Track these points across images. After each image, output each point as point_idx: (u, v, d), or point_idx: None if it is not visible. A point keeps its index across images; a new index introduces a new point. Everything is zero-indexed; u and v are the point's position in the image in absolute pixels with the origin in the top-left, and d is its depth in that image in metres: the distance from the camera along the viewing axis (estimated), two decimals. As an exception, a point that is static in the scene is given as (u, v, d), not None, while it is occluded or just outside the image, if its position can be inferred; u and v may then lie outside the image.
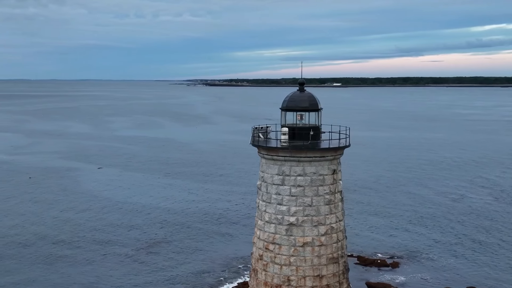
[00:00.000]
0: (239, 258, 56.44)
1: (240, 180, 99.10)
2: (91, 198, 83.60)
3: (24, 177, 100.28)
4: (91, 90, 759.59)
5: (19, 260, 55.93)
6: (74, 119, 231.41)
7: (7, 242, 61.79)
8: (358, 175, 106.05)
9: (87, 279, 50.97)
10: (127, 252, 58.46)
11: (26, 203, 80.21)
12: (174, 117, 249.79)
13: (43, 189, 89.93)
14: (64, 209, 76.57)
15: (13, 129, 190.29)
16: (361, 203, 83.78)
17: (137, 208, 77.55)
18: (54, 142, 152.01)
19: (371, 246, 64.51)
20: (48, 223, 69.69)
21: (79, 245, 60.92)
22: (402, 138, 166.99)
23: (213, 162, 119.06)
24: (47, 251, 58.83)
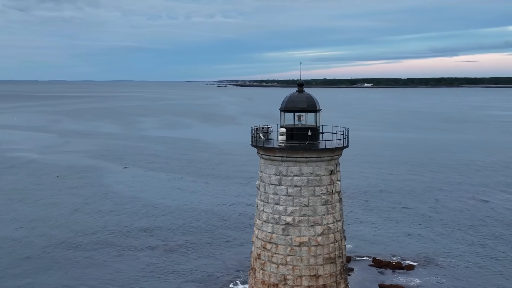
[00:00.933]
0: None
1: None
2: (112, 197, 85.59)
3: (52, 175, 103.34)
4: (124, 91, 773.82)
5: (39, 258, 57.94)
6: (104, 119, 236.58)
7: (28, 239, 64.08)
8: (378, 176, 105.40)
9: (100, 278, 52.42)
10: (145, 252, 59.71)
11: (50, 200, 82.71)
12: (201, 118, 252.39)
13: (68, 187, 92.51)
14: (84, 208, 78.65)
15: (47, 128, 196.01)
16: (379, 205, 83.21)
17: (157, 207, 78.97)
18: (83, 142, 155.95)
19: (387, 248, 64.05)
20: (68, 221, 71.71)
21: (95, 243, 62.65)
22: (427, 140, 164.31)
23: (237, 163, 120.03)
24: (63, 249, 60.76)
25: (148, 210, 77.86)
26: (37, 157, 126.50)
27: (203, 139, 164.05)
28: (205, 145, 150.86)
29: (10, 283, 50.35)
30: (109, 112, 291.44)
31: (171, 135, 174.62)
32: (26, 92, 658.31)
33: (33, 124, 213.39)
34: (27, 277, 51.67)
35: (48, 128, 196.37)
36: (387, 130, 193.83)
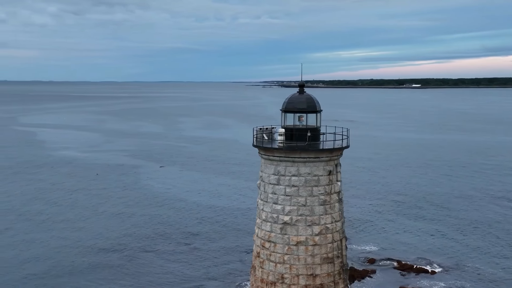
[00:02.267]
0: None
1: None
2: (144, 194, 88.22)
3: (92, 173, 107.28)
4: (170, 91, 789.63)
5: (71, 253, 60.68)
6: (147, 119, 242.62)
7: (65, 236, 67.13)
8: (408, 178, 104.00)
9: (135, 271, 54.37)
10: (169, 247, 61.42)
11: (87, 197, 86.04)
12: (242, 118, 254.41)
13: (105, 185, 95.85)
14: (118, 205, 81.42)
15: (92, 128, 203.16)
16: (407, 207, 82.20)
17: (187, 205, 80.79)
18: (125, 141, 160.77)
19: (411, 251, 63.17)
20: (100, 218, 74.53)
21: (125, 238, 64.95)
22: (467, 141, 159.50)
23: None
24: (93, 246, 63.35)
25: (177, 208, 79.79)
26: (80, 155, 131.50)
27: (240, 140, 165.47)
28: (241, 146, 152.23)
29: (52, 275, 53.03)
30: (153, 112, 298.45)
31: (209, 135, 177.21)
32: (77, 93, 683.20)
33: (79, 123, 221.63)
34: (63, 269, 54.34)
35: (93, 128, 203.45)
36: (427, 132, 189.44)
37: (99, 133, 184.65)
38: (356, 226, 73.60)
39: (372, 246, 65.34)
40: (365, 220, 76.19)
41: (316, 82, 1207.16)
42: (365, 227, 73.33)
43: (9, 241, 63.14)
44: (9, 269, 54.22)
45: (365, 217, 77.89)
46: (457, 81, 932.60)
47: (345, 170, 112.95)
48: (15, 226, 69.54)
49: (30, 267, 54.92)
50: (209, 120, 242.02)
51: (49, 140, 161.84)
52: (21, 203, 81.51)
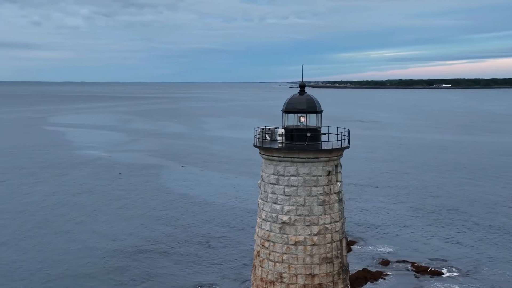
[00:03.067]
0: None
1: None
2: (165, 194, 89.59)
3: (115, 172, 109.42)
4: (197, 92, 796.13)
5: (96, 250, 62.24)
6: (173, 120, 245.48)
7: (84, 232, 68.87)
8: (427, 180, 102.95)
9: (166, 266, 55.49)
10: (188, 247, 62.46)
11: (107, 196, 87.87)
12: (266, 119, 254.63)
13: (127, 184, 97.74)
14: (136, 204, 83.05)
15: (118, 128, 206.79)
16: (424, 209, 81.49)
17: (206, 205, 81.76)
18: (149, 141, 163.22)
19: (427, 253, 62.55)
20: (116, 216, 76.16)
21: (144, 234, 66.27)
22: (493, 143, 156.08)
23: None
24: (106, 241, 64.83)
25: (194, 207, 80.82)
26: (104, 155, 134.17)
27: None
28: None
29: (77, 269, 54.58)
30: (179, 112, 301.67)
31: (232, 135, 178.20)
32: (106, 93, 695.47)
33: (106, 123, 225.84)
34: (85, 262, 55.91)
35: (119, 128, 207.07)
36: (452, 133, 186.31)
37: (124, 133, 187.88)
38: (372, 227, 73.17)
39: (388, 248, 64.92)
40: (381, 222, 75.69)
41: (343, 82, 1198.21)
42: (381, 228, 72.84)
43: (30, 239, 65.09)
44: (28, 268, 55.98)
45: (381, 218, 77.36)
46: (489, 81, 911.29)
47: (363, 170, 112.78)
48: (36, 222, 71.66)
49: (48, 267, 56.56)
50: (233, 121, 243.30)
51: (76, 140, 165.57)
52: (43, 201, 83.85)
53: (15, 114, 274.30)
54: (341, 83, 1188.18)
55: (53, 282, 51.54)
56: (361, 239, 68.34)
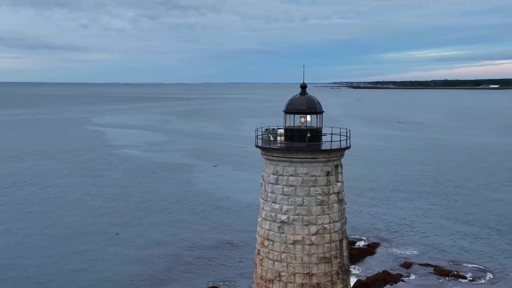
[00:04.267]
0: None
1: (353, 184, 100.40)
2: (193, 192, 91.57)
3: (149, 171, 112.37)
4: (237, 93, 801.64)
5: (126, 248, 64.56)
6: (211, 120, 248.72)
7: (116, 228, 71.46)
8: (454, 181, 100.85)
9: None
10: (214, 246, 63.98)
11: (138, 194, 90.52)
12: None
13: (158, 183, 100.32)
14: (164, 202, 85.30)
15: (157, 128, 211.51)
16: (453, 211, 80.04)
17: (235, 205, 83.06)
18: (185, 141, 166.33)
19: (451, 256, 61.52)
20: (144, 214, 78.48)
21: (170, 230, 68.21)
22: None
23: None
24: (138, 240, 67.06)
25: (222, 207, 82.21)
26: (140, 154, 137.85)
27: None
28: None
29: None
30: (217, 113, 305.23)
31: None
32: (149, 94, 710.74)
33: (146, 123, 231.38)
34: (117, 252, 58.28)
35: (158, 128, 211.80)
36: (493, 135, 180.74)
37: (162, 132, 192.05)
38: (397, 229, 72.44)
39: (412, 250, 64.22)
40: (407, 224, 74.80)
41: (386, 83, 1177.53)
42: (406, 230, 72.02)
43: (61, 234, 68.08)
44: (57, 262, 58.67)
45: (408, 220, 76.44)
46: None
47: (394, 172, 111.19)
48: (67, 218, 74.88)
49: (77, 260, 59.14)
50: (270, 122, 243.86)
51: (115, 139, 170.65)
52: (77, 198, 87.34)
53: (62, 114, 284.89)
54: (383, 84, 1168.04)
55: (79, 273, 53.90)
56: (385, 241, 67.82)
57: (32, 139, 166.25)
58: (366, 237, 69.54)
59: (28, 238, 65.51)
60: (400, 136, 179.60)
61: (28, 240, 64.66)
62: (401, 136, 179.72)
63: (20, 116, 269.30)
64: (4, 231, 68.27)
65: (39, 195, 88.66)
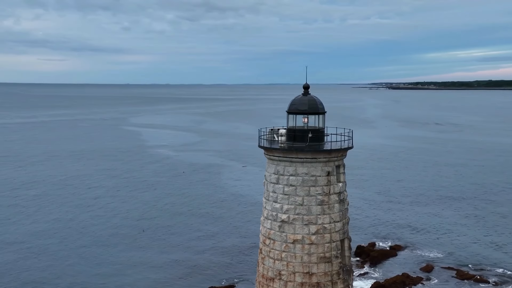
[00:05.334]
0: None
1: (380, 185, 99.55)
2: (218, 192, 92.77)
3: (179, 171, 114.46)
4: (274, 94, 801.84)
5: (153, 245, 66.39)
6: (244, 121, 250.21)
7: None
8: (479, 183, 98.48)
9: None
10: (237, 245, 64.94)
11: (166, 193, 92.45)
12: (336, 120, 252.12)
13: (186, 182, 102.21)
14: (189, 200, 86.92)
15: (191, 128, 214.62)
16: (479, 214, 78.10)
17: (255, 204, 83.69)
18: (217, 141, 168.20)
19: (473, 259, 60.30)
20: (172, 212, 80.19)
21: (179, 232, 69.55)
22: None
23: (354, 166, 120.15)
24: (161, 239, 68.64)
25: (246, 204, 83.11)
26: (172, 154, 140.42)
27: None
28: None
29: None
30: (252, 114, 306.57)
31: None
32: (187, 95, 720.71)
33: (181, 124, 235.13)
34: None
35: (191, 128, 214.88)
36: None
37: (196, 133, 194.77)
38: (421, 231, 71.45)
39: (435, 253, 63.24)
40: (432, 226, 73.66)
41: (427, 83, 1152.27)
42: (431, 233, 70.96)
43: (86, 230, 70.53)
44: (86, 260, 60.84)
45: (434, 223, 75.23)
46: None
47: (425, 173, 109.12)
48: (94, 215, 77.41)
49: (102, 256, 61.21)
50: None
51: (149, 139, 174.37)
52: (106, 195, 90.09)
53: (101, 115, 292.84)
54: (423, 84, 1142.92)
55: (105, 267, 55.77)
56: (409, 243, 66.99)
57: (69, 139, 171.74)
58: (390, 239, 68.94)
59: (59, 234, 68.18)
60: (435, 138, 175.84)
61: (59, 236, 67.30)
62: (436, 138, 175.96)
63: (62, 116, 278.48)
64: (39, 228, 71.22)
65: (71, 193, 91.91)
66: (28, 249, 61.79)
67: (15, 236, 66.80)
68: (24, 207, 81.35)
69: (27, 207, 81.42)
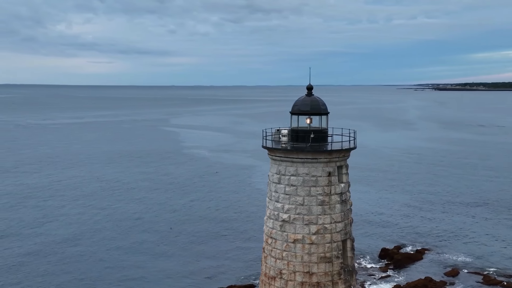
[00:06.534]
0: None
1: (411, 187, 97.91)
2: (248, 192, 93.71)
3: (212, 171, 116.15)
4: (317, 95, 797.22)
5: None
6: (282, 122, 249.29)
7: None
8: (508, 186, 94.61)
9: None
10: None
11: (198, 193, 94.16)
12: (374, 122, 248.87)
13: (219, 182, 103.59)
14: (221, 201, 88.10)
15: (228, 129, 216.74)
16: (509, 219, 75.39)
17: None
18: (252, 142, 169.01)
19: (502, 264, 58.52)
20: (202, 211, 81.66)
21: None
22: None
23: (392, 168, 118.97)
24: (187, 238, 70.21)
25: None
26: (207, 154, 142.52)
27: (363, 143, 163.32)
28: (363, 149, 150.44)
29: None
30: (288, 115, 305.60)
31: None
32: (229, 97, 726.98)
33: (219, 125, 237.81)
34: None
35: (229, 129, 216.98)
36: None
37: (232, 134, 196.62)
38: (449, 235, 69.95)
39: (461, 257, 61.84)
40: (463, 230, 71.96)
41: (475, 84, 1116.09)
42: (459, 236, 69.36)
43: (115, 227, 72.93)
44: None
45: (464, 227, 73.45)
46: None
47: (458, 176, 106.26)
48: (128, 210, 79.91)
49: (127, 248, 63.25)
50: (341, 124, 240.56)
51: (186, 140, 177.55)
52: (138, 193, 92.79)
53: (144, 116, 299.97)
54: (472, 85, 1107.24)
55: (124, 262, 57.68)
56: (435, 247, 65.80)
57: (109, 140, 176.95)
58: (418, 242, 67.84)
59: (91, 228, 70.91)
60: (475, 141, 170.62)
61: (91, 231, 70.00)
62: (477, 141, 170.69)
63: (105, 117, 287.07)
64: (76, 224, 74.27)
65: (106, 190, 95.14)
66: (73, 247, 64.64)
67: (54, 237, 69.73)
68: (62, 207, 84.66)
69: (65, 207, 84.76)
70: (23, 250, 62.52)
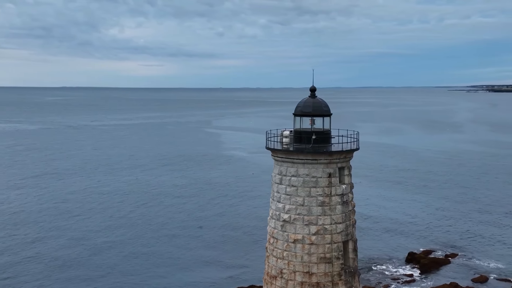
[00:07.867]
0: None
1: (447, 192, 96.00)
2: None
3: (249, 172, 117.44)
4: (364, 97, 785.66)
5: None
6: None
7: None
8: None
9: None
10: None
11: (231, 193, 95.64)
12: (421, 125, 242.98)
13: (254, 183, 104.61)
14: (255, 202, 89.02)
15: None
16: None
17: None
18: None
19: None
20: (233, 212, 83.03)
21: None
22: None
23: (425, 170, 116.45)
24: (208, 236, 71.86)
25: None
26: (246, 155, 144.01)
27: (410, 146, 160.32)
28: (408, 152, 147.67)
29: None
30: (334, 117, 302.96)
31: (379, 141, 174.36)
32: (274, 99, 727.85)
33: (260, 127, 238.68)
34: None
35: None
36: None
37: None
38: (479, 240, 68.06)
39: (494, 264, 60.01)
40: (493, 235, 69.80)
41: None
42: (488, 241, 67.38)
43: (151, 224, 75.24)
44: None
45: (494, 232, 71.24)
46: None
47: (484, 180, 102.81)
48: (161, 210, 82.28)
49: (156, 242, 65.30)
50: (385, 126, 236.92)
51: (227, 141, 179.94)
52: (174, 191, 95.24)
53: (188, 118, 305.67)
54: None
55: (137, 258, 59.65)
56: (465, 252, 64.24)
57: (153, 142, 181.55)
58: (447, 246, 66.48)
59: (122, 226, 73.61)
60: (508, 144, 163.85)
61: (121, 228, 72.69)
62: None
63: (152, 119, 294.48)
64: (110, 222, 77.31)
65: (141, 189, 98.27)
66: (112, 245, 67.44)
67: (97, 237, 72.78)
68: (103, 208, 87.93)
69: (105, 208, 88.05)
70: (80, 249, 65.67)
